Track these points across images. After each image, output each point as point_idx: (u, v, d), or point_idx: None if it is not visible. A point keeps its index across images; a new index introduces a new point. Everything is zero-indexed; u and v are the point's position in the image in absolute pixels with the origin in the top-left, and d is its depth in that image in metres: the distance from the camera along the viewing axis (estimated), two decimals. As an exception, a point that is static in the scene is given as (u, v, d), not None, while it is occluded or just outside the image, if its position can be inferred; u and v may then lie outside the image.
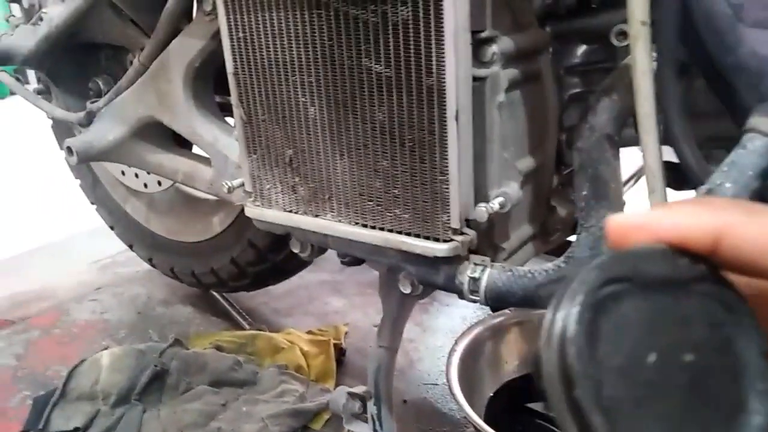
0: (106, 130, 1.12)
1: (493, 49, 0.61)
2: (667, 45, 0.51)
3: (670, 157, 0.60)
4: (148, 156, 1.14)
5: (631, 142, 0.67)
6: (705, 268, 0.21)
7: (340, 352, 1.30)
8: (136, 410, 1.09)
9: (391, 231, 0.71)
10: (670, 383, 0.20)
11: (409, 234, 0.69)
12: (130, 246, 1.58)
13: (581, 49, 0.74)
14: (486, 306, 0.71)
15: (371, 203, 0.72)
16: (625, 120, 0.62)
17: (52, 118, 1.42)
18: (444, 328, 1.41)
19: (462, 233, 0.66)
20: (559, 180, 0.78)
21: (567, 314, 0.20)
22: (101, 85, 1.28)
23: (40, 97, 1.33)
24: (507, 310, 1.04)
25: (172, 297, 1.59)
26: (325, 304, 1.55)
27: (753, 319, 0.21)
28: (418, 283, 0.73)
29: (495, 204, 0.64)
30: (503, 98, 0.63)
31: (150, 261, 1.55)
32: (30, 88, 1.37)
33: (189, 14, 0.99)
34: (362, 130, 0.69)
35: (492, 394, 1.03)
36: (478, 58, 0.61)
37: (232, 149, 0.96)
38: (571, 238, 0.83)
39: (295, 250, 0.85)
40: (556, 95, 0.72)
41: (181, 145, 1.18)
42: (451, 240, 0.66)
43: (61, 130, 1.49)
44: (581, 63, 0.74)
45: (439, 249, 0.66)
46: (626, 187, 0.90)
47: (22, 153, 2.84)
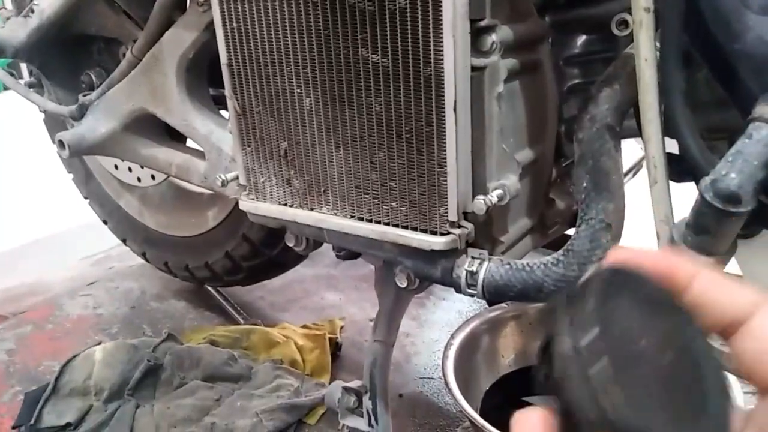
0: (99, 124, 1.11)
1: (492, 38, 0.60)
2: (670, 33, 0.50)
3: (669, 148, 0.59)
4: (141, 149, 1.12)
5: (632, 134, 0.66)
6: (682, 306, 0.26)
7: (335, 347, 1.30)
8: (129, 405, 1.08)
9: (387, 224, 0.70)
10: (653, 368, 0.24)
11: (405, 227, 0.68)
12: (124, 240, 1.57)
13: (581, 39, 0.73)
14: (483, 300, 0.71)
15: (367, 196, 0.71)
16: (626, 110, 0.61)
17: (44, 111, 1.40)
18: (440, 322, 1.40)
19: (460, 226, 0.65)
20: (558, 172, 0.77)
21: (592, 276, 0.26)
22: (94, 77, 1.26)
23: (32, 90, 1.31)
24: (504, 304, 1.03)
25: (165, 292, 1.57)
26: (320, 298, 1.54)
27: (716, 355, 0.26)
28: (415, 277, 0.72)
29: (493, 196, 0.63)
30: (502, 89, 0.62)
31: (143, 255, 1.53)
32: (22, 81, 1.35)
33: (182, 5, 0.97)
34: (358, 121, 0.68)
35: (488, 388, 1.02)
36: (476, 47, 0.60)
37: (227, 142, 0.95)
38: (569, 232, 0.82)
39: (290, 244, 0.84)
40: (556, 86, 0.71)
41: (175, 138, 1.16)
42: (449, 233, 0.65)
43: (54, 124, 1.47)
44: (581, 53, 0.73)
45: (437, 242, 0.65)
46: (625, 179, 0.89)
47: (15, 147, 2.82)
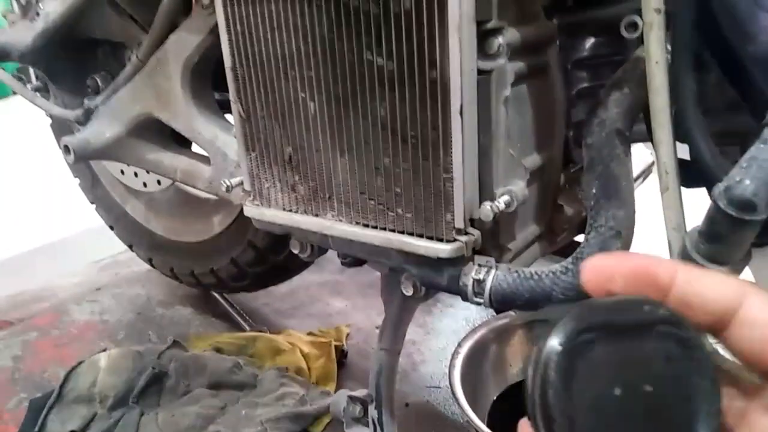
0: (104, 128, 1.10)
1: (499, 40, 0.58)
2: (682, 34, 0.49)
3: (680, 153, 0.57)
4: (146, 154, 1.12)
5: (642, 138, 0.64)
6: (665, 312, 0.25)
7: (341, 354, 1.28)
8: (134, 413, 1.07)
9: (393, 231, 0.69)
10: (631, 412, 0.25)
11: (411, 234, 0.67)
12: (130, 246, 1.57)
13: (589, 42, 0.71)
14: (490, 308, 0.69)
15: (372, 202, 0.70)
16: (636, 114, 0.60)
17: (50, 115, 1.40)
18: (447, 330, 1.38)
19: (466, 233, 0.64)
20: (566, 178, 0.76)
21: (547, 360, 0.25)
22: (99, 82, 1.26)
23: (38, 94, 1.31)
24: (511, 312, 1.02)
25: (171, 298, 1.57)
26: (326, 305, 1.52)
27: (704, 351, 0.25)
28: (421, 284, 0.71)
29: (501, 203, 0.62)
30: (509, 92, 0.61)
31: (150, 261, 1.53)
32: (29, 86, 1.35)
33: (187, 8, 0.97)
34: (363, 126, 0.67)
35: (496, 398, 1.00)
36: (483, 50, 0.59)
37: (232, 147, 0.94)
38: (578, 238, 0.80)
39: (295, 251, 0.83)
40: (564, 90, 0.70)
41: (180, 143, 1.16)
42: (455, 240, 0.64)
43: (61, 129, 1.47)
44: (590, 56, 0.71)
45: (443, 249, 0.64)
46: (635, 184, 0.87)
47: (23, 152, 2.83)
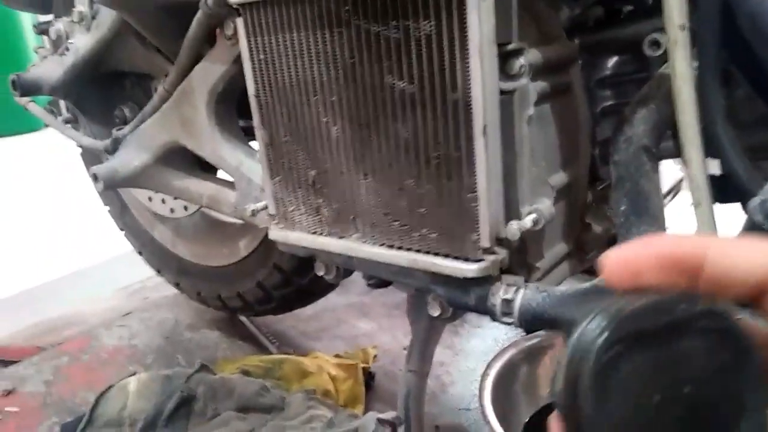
0: (131, 157, 1.13)
1: (520, 61, 0.59)
2: (707, 48, 0.48)
3: (710, 168, 0.56)
4: (173, 181, 1.14)
5: (670, 155, 0.64)
6: (704, 307, 0.23)
7: (368, 376, 1.27)
8: (163, 438, 1.08)
9: (418, 251, 0.69)
10: (671, 418, 0.23)
11: (437, 254, 0.67)
12: (158, 271, 1.59)
13: (612, 61, 0.71)
14: (520, 328, 0.68)
15: (397, 223, 0.70)
16: (663, 131, 0.59)
17: (80, 146, 1.44)
18: (476, 350, 1.37)
19: (493, 252, 0.64)
20: (593, 196, 0.75)
21: (578, 378, 0.23)
22: (127, 112, 1.29)
23: (69, 126, 1.35)
24: (542, 332, 1.00)
25: (199, 321, 1.58)
26: (353, 327, 1.52)
27: (748, 341, 0.23)
28: (448, 305, 0.71)
29: (527, 221, 0.62)
30: (532, 111, 0.61)
31: (177, 285, 1.55)
32: (60, 118, 1.39)
33: (211, 40, 0.99)
34: (386, 148, 0.67)
35: (528, 420, 0.98)
36: (505, 71, 0.59)
37: (256, 172, 0.95)
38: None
39: (320, 273, 0.84)
40: (588, 108, 0.69)
41: (206, 169, 1.18)
42: (482, 260, 0.64)
43: (91, 158, 1.51)
44: (613, 75, 0.71)
45: (469, 269, 0.64)
46: (665, 201, 0.86)
47: (56, 182, 2.91)
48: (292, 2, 0.68)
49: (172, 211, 1.46)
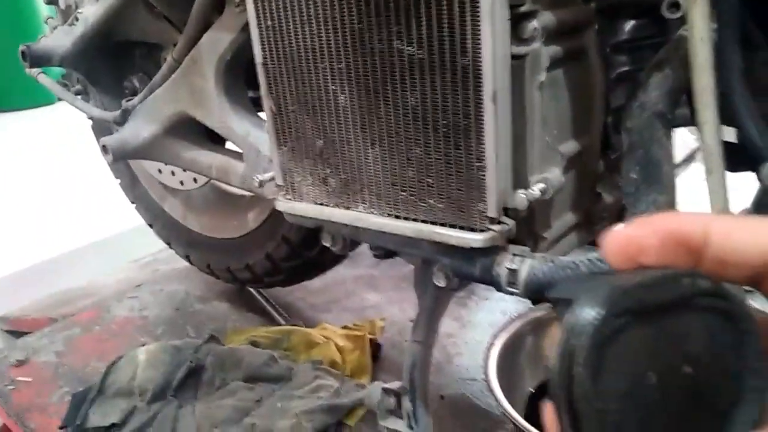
0: (140, 128, 1.12)
1: (533, 24, 0.57)
2: (728, 9, 0.46)
3: (725, 136, 0.55)
4: (181, 152, 1.14)
5: (684, 122, 0.62)
6: (706, 284, 0.23)
7: (376, 348, 1.28)
8: (172, 406, 1.09)
9: (424, 222, 0.68)
10: (669, 398, 0.22)
11: (443, 224, 0.66)
12: (168, 243, 1.59)
13: (629, 25, 0.69)
14: (526, 299, 0.68)
15: (404, 193, 0.69)
16: (678, 97, 0.58)
17: (90, 118, 1.44)
18: (483, 322, 1.37)
19: (500, 222, 0.63)
20: (605, 165, 0.74)
21: (573, 353, 0.22)
22: (136, 83, 1.29)
23: (79, 97, 1.35)
24: (549, 303, 1.00)
25: (209, 293, 1.59)
26: (361, 299, 1.52)
27: (752, 324, 0.23)
28: (453, 275, 0.70)
29: (535, 190, 0.61)
30: (544, 77, 0.60)
31: (187, 258, 1.56)
32: (71, 90, 1.38)
33: (220, 7, 0.98)
34: (394, 116, 0.66)
35: (533, 390, 0.99)
36: (516, 34, 0.58)
37: (264, 143, 0.94)
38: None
39: (327, 244, 0.83)
40: (602, 74, 0.67)
41: (215, 141, 1.17)
42: (488, 230, 0.63)
43: (101, 130, 1.51)
44: (629, 39, 0.69)
45: (475, 239, 0.63)
46: (678, 171, 0.84)
47: (69, 156, 2.92)
48: (299, -34, 0.67)
49: (181, 183, 1.46)
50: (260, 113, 1.04)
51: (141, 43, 1.23)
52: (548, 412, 0.24)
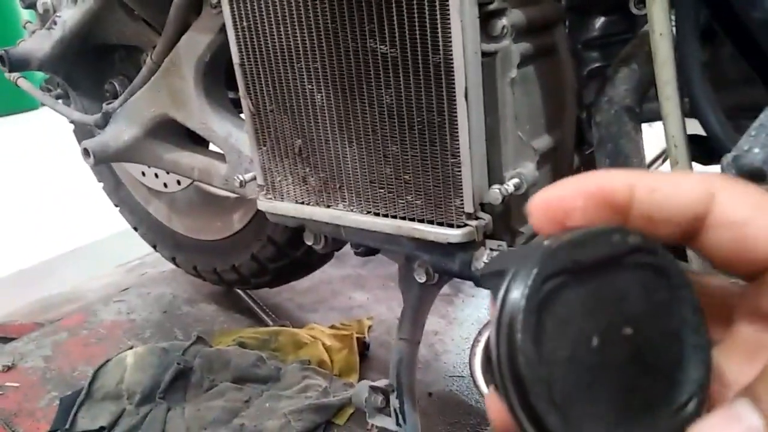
0: (121, 131, 1.12)
1: (502, 22, 0.58)
2: (684, 7, 0.47)
3: (696, 130, 0.56)
4: (163, 154, 1.14)
5: (656, 117, 0.63)
6: (636, 239, 0.22)
7: (363, 347, 1.29)
8: (161, 409, 1.09)
9: (403, 218, 0.68)
10: (613, 361, 0.21)
11: (422, 221, 0.67)
12: (154, 246, 1.59)
13: (599, 21, 0.70)
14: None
15: (382, 191, 0.70)
16: (646, 91, 0.59)
17: (71, 121, 1.43)
18: (470, 319, 1.37)
19: (476, 218, 0.63)
20: (581, 160, 0.75)
21: (511, 320, 0.21)
22: (117, 86, 1.28)
23: (60, 101, 1.34)
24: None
25: (196, 295, 1.59)
26: (348, 298, 1.53)
27: (684, 277, 0.22)
28: (433, 271, 0.71)
29: (510, 186, 0.61)
30: (515, 74, 0.60)
31: (173, 260, 1.55)
32: (51, 94, 1.38)
33: (197, 9, 0.98)
34: (370, 114, 0.67)
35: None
36: (486, 32, 0.58)
37: (245, 144, 0.95)
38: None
39: (309, 243, 0.84)
40: (574, 70, 0.68)
41: (197, 142, 1.17)
42: (465, 225, 0.64)
43: (83, 134, 1.50)
44: (600, 36, 0.70)
45: (453, 235, 0.64)
46: (653, 167, 0.86)
47: (53, 161, 2.90)
48: (272, -33, 0.67)
49: (165, 185, 1.46)
50: (241, 114, 1.05)
51: (120, 46, 1.23)
52: (491, 403, 0.23)
